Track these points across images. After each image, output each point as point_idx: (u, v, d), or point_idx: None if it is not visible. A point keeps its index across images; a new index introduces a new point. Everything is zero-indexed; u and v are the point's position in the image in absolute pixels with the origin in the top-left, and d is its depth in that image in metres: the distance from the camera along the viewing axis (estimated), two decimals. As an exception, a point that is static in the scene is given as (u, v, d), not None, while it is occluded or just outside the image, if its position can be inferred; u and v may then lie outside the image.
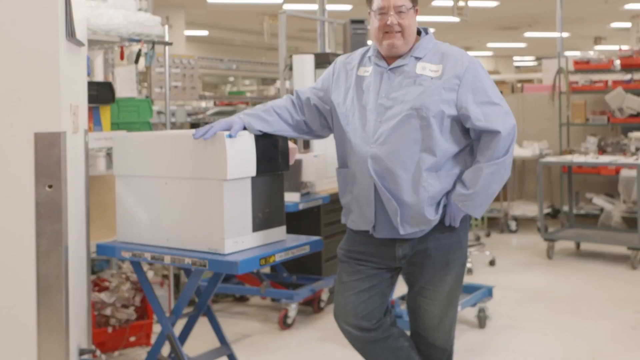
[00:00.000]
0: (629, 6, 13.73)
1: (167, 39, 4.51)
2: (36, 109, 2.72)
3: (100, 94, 4.03)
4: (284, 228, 3.25)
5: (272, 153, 3.14)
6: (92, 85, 4.03)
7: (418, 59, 2.93)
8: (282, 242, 3.21)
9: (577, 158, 7.44)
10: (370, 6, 2.98)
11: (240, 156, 2.97)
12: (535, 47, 21.21)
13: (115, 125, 4.29)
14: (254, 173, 3.04)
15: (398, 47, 2.91)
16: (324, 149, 5.09)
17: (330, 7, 7.72)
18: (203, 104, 8.70)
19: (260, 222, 3.10)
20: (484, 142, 2.87)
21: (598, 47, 19.01)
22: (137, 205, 3.24)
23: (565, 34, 11.56)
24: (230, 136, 2.93)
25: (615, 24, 16.60)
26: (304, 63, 5.73)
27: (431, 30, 3.11)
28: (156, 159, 3.16)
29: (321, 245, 3.35)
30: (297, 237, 3.34)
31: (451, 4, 11.26)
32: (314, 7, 7.22)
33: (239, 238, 2.99)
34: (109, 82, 4.06)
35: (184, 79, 6.12)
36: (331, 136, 3.18)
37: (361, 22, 6.48)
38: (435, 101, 2.82)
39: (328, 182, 5.18)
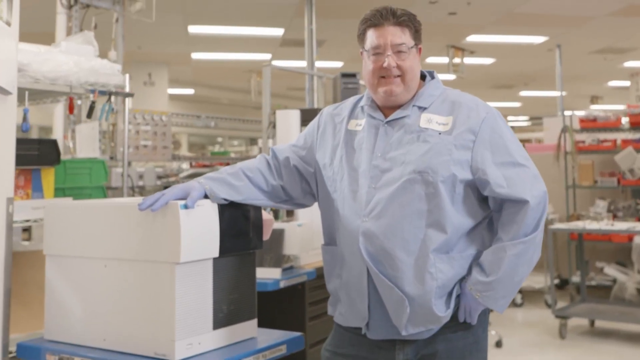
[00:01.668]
0: (629, 64, 13.42)
1: (127, 89, 3.89)
2: None
3: (43, 153, 3.38)
4: (254, 322, 2.58)
5: (241, 227, 2.49)
6: (31, 143, 3.41)
7: (422, 109, 2.35)
8: (252, 340, 2.53)
9: (590, 224, 6.80)
10: (362, 44, 2.41)
11: (199, 232, 2.32)
12: (530, 107, 21.07)
13: (61, 191, 3.63)
14: (216, 253, 2.38)
15: (397, 95, 2.33)
16: (310, 216, 4.46)
17: (321, 64, 7.27)
18: (184, 165, 8.09)
19: (224, 317, 2.43)
20: (507, 214, 2.26)
21: (594, 107, 18.70)
22: (69, 294, 2.56)
23: (557, 93, 11.26)
24: (186, 206, 2.28)
25: (613, 83, 16.38)
26: (289, 119, 5.17)
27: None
28: (94, 234, 2.50)
29: (301, 344, 2.68)
30: (272, 333, 2.67)
31: (446, 60, 10.95)
32: (304, 64, 6.74)
33: (194, 339, 2.31)
34: (53, 139, 3.43)
35: (155, 137, 5.50)
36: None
37: (352, 75, 5.97)
38: (445, 162, 2.23)
39: (315, 255, 4.54)
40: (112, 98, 3.81)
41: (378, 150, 2.32)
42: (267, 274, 4.07)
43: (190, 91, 17.11)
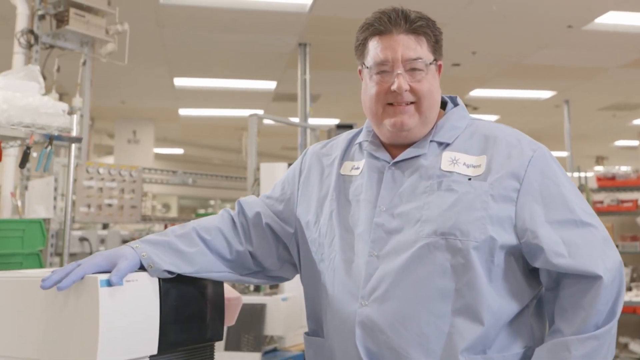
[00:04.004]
0: (638, 121, 13.02)
1: (75, 132, 3.21)
2: None
3: (-41, 211, 2.72)
4: None
5: (193, 311, 1.79)
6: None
7: (444, 145, 1.71)
8: None
9: (617, 295, 6.07)
10: (361, 59, 1.74)
11: (129, 320, 1.61)
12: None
13: (-17, 259, 2.95)
14: (154, 350, 1.67)
15: (410, 129, 1.70)
16: (298, 288, 3.76)
17: (316, 121, 6.76)
18: (157, 227, 7.37)
19: None
20: (569, 294, 1.59)
21: (599, 168, 18.29)
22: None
23: (565, 153, 10.80)
24: (109, 283, 1.57)
25: (620, 142, 16.00)
26: (275, 174, 4.54)
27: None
28: (-13, 322, 1.79)
29: None
30: None
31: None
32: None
33: None
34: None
35: (122, 194, 4.81)
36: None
37: (349, 126, 5.42)
38: (479, 220, 1.58)
39: (302, 335, 3.84)
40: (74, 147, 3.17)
41: (382, 203, 1.68)
42: (244, 360, 3.41)
43: (179, 151, 16.67)
